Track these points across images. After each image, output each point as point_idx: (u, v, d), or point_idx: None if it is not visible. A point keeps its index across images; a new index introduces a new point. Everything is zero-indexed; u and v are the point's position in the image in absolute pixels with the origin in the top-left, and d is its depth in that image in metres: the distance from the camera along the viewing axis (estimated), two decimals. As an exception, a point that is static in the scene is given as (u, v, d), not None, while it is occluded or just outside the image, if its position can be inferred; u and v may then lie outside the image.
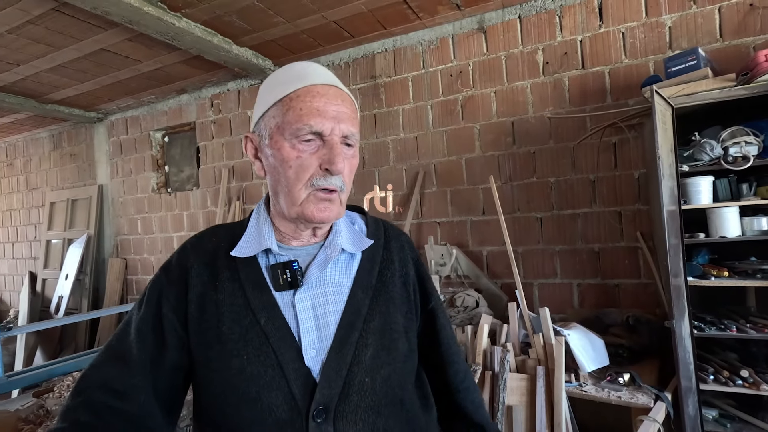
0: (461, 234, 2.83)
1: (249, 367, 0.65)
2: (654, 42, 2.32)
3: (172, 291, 0.71)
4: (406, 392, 0.73)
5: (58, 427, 0.63)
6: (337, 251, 0.72)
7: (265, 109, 0.70)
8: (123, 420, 0.64)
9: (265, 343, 0.66)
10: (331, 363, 0.66)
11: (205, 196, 3.86)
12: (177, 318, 0.69)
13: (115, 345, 0.70)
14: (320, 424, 0.63)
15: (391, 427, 0.68)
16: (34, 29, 2.63)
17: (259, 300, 0.69)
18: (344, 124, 0.68)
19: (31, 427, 1.54)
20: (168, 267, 0.74)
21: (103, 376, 0.67)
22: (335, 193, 0.69)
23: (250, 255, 0.71)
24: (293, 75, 0.70)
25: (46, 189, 5.01)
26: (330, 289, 0.71)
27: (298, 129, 0.66)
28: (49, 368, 1.95)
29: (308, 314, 0.69)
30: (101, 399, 0.64)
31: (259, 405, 0.64)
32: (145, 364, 0.67)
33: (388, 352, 0.71)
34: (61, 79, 3.44)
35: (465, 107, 2.81)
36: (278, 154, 0.68)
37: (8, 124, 4.61)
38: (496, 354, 1.92)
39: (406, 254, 0.82)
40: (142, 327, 0.69)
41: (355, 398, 0.66)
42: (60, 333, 4.34)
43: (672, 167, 1.83)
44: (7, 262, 5.41)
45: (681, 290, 1.78)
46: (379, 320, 0.72)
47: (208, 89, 3.81)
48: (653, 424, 1.53)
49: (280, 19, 2.66)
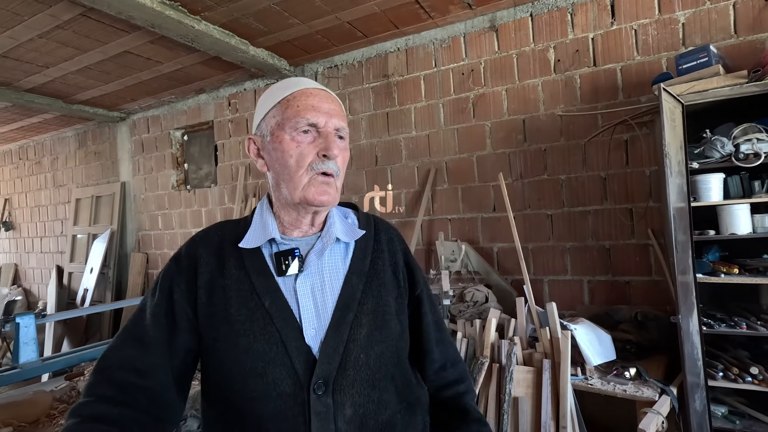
0: (472, 231, 2.87)
1: (255, 344, 0.72)
2: (667, 39, 2.31)
3: (183, 278, 0.77)
4: (398, 368, 0.79)
5: (85, 400, 0.70)
6: (333, 240, 0.80)
7: (266, 111, 0.79)
8: (144, 395, 0.71)
9: (269, 323, 0.73)
10: (329, 341, 0.73)
11: (223, 193, 3.98)
12: (188, 303, 0.76)
13: (132, 329, 0.77)
14: (320, 396, 0.70)
15: (384, 400, 0.75)
16: (63, 33, 2.76)
17: (264, 284, 0.75)
18: (336, 118, 0.78)
19: (64, 406, 1.65)
20: (178, 257, 0.81)
21: (122, 356, 0.73)
22: (332, 177, 0.77)
23: (256, 245, 0.78)
24: (289, 83, 0.80)
25: (71, 186, 5.22)
26: (327, 275, 0.79)
27: (296, 122, 0.75)
28: (79, 354, 2.08)
29: (308, 297, 0.76)
30: (123, 376, 0.71)
31: (265, 379, 0.70)
32: (160, 345, 0.74)
33: (380, 332, 0.77)
34: (86, 80, 3.59)
35: (476, 105, 2.84)
36: (280, 147, 0.76)
37: (37, 123, 4.82)
38: (503, 347, 1.96)
39: (395, 245, 0.89)
40: (157, 312, 0.75)
41: (352, 372, 0.73)
42: (86, 323, 4.54)
43: (681, 164, 1.84)
44: (36, 256, 5.66)
45: (689, 287, 1.79)
46: (372, 303, 0.79)
47: (225, 89, 3.92)
48: (656, 417, 1.55)
49: (295, 21, 2.73)
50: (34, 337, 2.01)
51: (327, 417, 0.69)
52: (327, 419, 0.69)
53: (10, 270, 5.91)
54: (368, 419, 0.73)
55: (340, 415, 0.70)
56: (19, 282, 5.86)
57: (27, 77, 3.44)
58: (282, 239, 0.80)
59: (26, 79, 3.49)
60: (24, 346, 1.97)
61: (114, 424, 0.67)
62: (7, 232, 5.99)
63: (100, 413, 0.68)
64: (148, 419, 0.70)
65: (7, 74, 3.37)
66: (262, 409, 0.70)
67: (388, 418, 0.75)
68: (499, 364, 1.97)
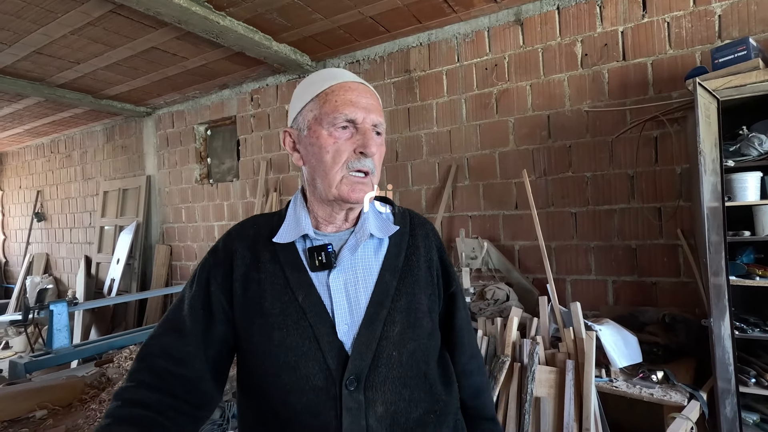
0: (493, 228, 2.84)
1: (288, 338, 0.72)
2: (701, 31, 2.22)
3: (219, 271, 0.79)
4: (429, 367, 0.79)
5: (127, 385, 0.73)
6: (366, 235, 0.79)
7: (303, 105, 0.78)
8: (181, 382, 0.73)
9: (302, 318, 0.73)
10: (362, 337, 0.73)
11: (245, 187, 4.04)
12: (224, 295, 0.77)
13: (171, 318, 0.79)
14: (352, 392, 0.70)
15: (415, 398, 0.75)
16: (93, 30, 2.83)
17: (297, 279, 0.76)
18: (374, 114, 0.77)
19: (95, 391, 1.71)
20: (215, 250, 0.82)
21: (161, 345, 0.76)
22: (368, 175, 0.77)
23: (290, 240, 0.78)
24: (326, 75, 0.79)
25: (99, 179, 5.38)
26: (360, 271, 0.78)
27: (335, 118, 0.74)
28: (109, 341, 2.16)
29: (341, 293, 0.76)
30: (162, 364, 0.74)
31: (298, 373, 0.71)
32: (197, 335, 0.76)
33: (413, 329, 0.77)
34: (115, 76, 3.68)
35: (499, 101, 2.79)
36: (317, 142, 0.76)
37: (67, 118, 4.98)
38: (525, 346, 1.94)
39: (431, 241, 0.88)
40: (194, 303, 0.77)
41: (384, 370, 0.73)
42: (112, 312, 4.69)
43: (715, 162, 1.77)
44: (66, 246, 5.87)
45: (722, 289, 1.73)
46: (406, 300, 0.78)
47: (248, 84, 3.97)
48: (686, 422, 1.51)
49: (318, 16, 2.74)
50: (67, 324, 2.09)
51: (358, 413, 0.70)
52: (358, 415, 0.69)
53: (41, 259, 6.15)
54: (399, 417, 0.72)
55: (372, 411, 0.70)
56: (50, 271, 6.09)
57: (59, 73, 3.56)
58: (315, 234, 0.80)
59: (58, 75, 3.60)
60: (57, 333, 2.05)
61: (152, 408, 0.69)
62: (39, 223, 6.23)
63: (140, 398, 0.70)
64: (183, 406, 0.73)
65: (41, 70, 3.49)
66: (295, 402, 0.71)
67: (419, 417, 0.74)
68: (520, 363, 1.95)
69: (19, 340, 4.71)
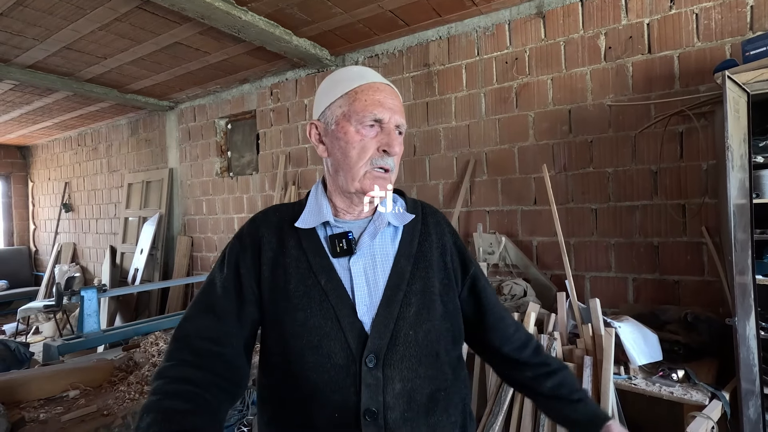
0: (511, 223, 2.82)
1: (311, 319, 0.77)
2: (732, 23, 2.16)
3: (248, 255, 0.83)
4: (441, 347, 0.82)
5: (169, 364, 0.76)
6: (384, 224, 0.84)
7: (332, 100, 0.83)
8: (220, 360, 0.77)
9: (325, 300, 0.78)
10: (380, 318, 0.78)
11: (264, 180, 4.10)
12: (253, 278, 0.82)
13: (204, 300, 0.82)
14: (371, 369, 0.74)
15: (429, 375, 0.79)
16: (120, 26, 2.91)
17: (320, 264, 0.81)
18: (398, 115, 0.82)
19: (123, 374, 1.79)
20: (241, 236, 0.87)
21: (197, 326, 0.79)
22: (388, 172, 0.82)
23: (311, 226, 0.83)
24: (354, 74, 0.84)
25: (124, 171, 5.54)
26: (378, 256, 0.83)
27: (363, 116, 0.79)
28: (135, 327, 2.24)
29: (361, 277, 0.80)
30: (200, 344, 0.77)
31: (320, 351, 0.75)
32: (231, 315, 0.80)
33: (428, 311, 0.81)
34: (140, 70, 3.78)
35: (519, 95, 2.76)
36: (344, 137, 0.80)
37: (94, 112, 5.13)
38: (542, 342, 1.93)
39: (443, 228, 0.92)
40: (227, 285, 0.82)
41: (401, 348, 0.77)
42: (136, 301, 4.84)
43: (744, 158, 1.72)
44: (92, 237, 6.07)
45: (747, 288, 1.69)
46: (420, 284, 0.83)
47: (268, 79, 4.02)
48: (707, 422, 1.48)
49: (338, 10, 2.75)
50: (96, 309, 2.18)
51: (377, 389, 0.73)
52: (377, 391, 0.73)
53: (69, 249, 6.38)
54: (415, 393, 0.76)
55: (390, 388, 0.74)
56: (77, 260, 6.32)
57: (87, 68, 3.67)
58: (335, 222, 0.84)
59: (86, 70, 3.72)
60: (87, 318, 2.14)
61: (197, 385, 0.73)
62: (67, 213, 6.45)
63: (185, 375, 0.73)
64: (224, 383, 0.76)
65: (70, 65, 3.60)
66: (317, 379, 0.75)
67: (431, 393, 0.78)
68: (537, 358, 1.94)
69: (48, 325, 4.92)
